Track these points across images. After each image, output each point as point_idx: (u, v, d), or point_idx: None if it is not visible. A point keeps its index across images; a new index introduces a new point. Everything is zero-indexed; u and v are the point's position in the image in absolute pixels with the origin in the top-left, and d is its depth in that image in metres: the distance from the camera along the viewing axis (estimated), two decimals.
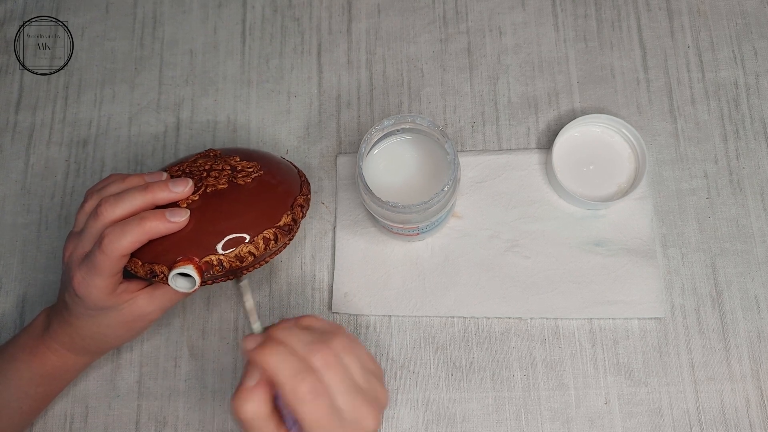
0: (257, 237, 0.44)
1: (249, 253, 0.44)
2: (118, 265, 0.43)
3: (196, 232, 0.43)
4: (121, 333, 0.48)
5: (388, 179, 0.50)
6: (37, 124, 0.63)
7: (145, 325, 0.48)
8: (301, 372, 0.36)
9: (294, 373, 0.36)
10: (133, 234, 0.42)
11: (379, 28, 0.63)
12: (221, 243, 0.43)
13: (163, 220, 0.43)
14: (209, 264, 0.43)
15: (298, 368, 0.36)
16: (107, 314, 0.46)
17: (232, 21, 0.64)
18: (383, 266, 0.56)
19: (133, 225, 0.43)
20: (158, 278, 0.43)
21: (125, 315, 0.46)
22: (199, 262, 0.43)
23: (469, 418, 0.52)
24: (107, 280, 0.43)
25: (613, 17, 0.61)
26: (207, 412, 0.54)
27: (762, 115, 0.58)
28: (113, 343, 0.49)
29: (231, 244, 0.43)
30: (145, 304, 0.46)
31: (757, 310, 0.53)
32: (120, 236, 0.42)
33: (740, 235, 0.55)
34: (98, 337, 0.47)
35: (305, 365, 0.37)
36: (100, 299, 0.44)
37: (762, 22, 0.60)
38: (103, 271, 0.43)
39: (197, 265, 0.43)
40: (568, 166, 0.56)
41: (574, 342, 0.53)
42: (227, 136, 0.61)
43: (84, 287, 0.44)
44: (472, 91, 0.60)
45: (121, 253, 0.42)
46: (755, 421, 0.51)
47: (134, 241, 0.42)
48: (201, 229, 0.44)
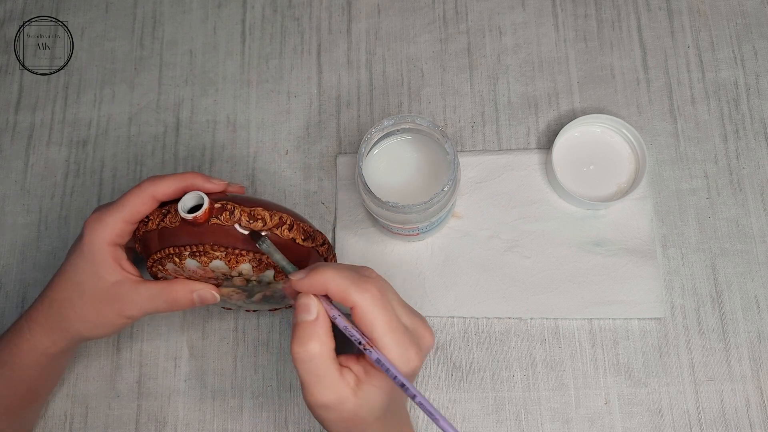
0: (275, 215, 0.44)
1: (261, 218, 0.43)
2: (143, 205, 0.43)
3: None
4: (90, 315, 0.45)
5: (388, 179, 0.50)
6: (36, 124, 0.63)
7: (115, 318, 0.45)
8: (361, 276, 0.36)
9: (355, 278, 0.36)
10: (171, 179, 0.43)
11: (379, 28, 0.63)
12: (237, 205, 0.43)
13: (204, 178, 0.44)
14: (223, 208, 0.42)
15: (357, 275, 0.36)
16: (88, 281, 0.44)
17: (231, 21, 0.64)
18: (383, 266, 0.56)
19: (173, 175, 0.44)
20: (168, 216, 0.43)
21: (105, 291, 0.44)
22: (214, 203, 0.42)
23: (469, 418, 0.52)
24: (119, 222, 0.43)
25: (613, 17, 0.61)
26: (207, 412, 0.54)
27: (762, 115, 0.58)
28: (74, 324, 0.45)
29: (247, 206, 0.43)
30: (132, 289, 0.44)
31: (757, 310, 0.53)
32: (160, 179, 0.43)
33: (740, 235, 0.55)
34: (65, 306, 0.45)
35: (362, 274, 0.36)
36: (99, 243, 0.43)
37: (762, 22, 0.60)
38: (127, 205, 0.42)
39: (211, 203, 0.42)
40: (568, 166, 0.56)
41: (574, 342, 0.53)
42: (227, 136, 0.61)
43: (93, 223, 0.43)
44: (472, 91, 0.60)
45: (155, 192, 0.42)
46: (755, 421, 0.51)
47: (170, 185, 0.43)
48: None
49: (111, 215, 0.43)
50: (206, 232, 0.42)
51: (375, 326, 0.35)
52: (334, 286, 0.36)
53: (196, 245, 0.42)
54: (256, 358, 0.54)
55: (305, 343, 0.36)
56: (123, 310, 0.45)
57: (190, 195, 0.42)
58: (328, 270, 0.36)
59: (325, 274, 0.36)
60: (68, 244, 0.59)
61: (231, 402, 0.54)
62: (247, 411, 0.54)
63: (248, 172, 0.59)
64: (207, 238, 0.42)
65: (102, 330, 0.46)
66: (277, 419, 0.53)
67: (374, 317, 0.35)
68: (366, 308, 0.35)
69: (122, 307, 0.45)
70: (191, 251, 0.43)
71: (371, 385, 0.37)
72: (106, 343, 0.56)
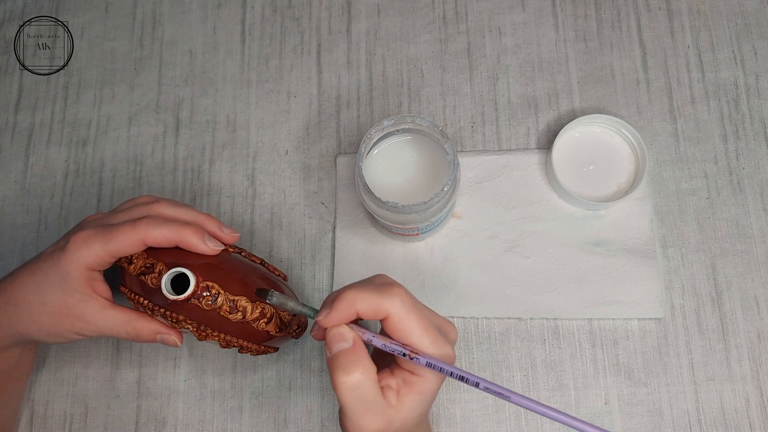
0: (257, 307, 0.43)
1: (241, 311, 0.42)
2: (132, 247, 0.42)
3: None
4: (46, 324, 0.44)
5: (388, 179, 0.50)
6: (36, 125, 0.63)
7: (70, 333, 0.44)
8: (383, 285, 0.36)
9: (380, 290, 0.36)
10: (169, 229, 0.42)
11: (379, 29, 0.63)
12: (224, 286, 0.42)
13: (201, 238, 0.43)
14: (206, 289, 0.41)
15: (379, 286, 0.36)
16: (54, 292, 0.43)
17: (231, 21, 0.64)
18: (383, 266, 0.56)
19: (173, 223, 0.43)
20: (151, 275, 0.42)
21: (69, 308, 0.43)
22: (203, 281, 0.41)
23: (469, 418, 0.52)
24: (104, 254, 0.42)
25: (613, 17, 0.61)
26: (207, 412, 0.54)
27: (762, 115, 0.58)
28: (26, 327, 0.44)
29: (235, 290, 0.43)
30: (98, 311, 0.44)
31: (757, 310, 0.53)
32: (156, 224, 0.42)
33: (740, 235, 0.55)
34: (22, 308, 0.44)
35: (384, 284, 0.36)
36: (77, 264, 0.42)
37: (762, 22, 0.60)
38: (116, 241, 0.42)
39: (199, 280, 0.41)
40: (568, 166, 0.56)
41: (574, 342, 0.53)
42: (227, 136, 0.61)
43: (79, 242, 0.42)
44: (472, 91, 0.60)
45: (147, 238, 0.42)
46: (755, 421, 0.51)
47: (166, 236, 0.42)
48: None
49: (99, 244, 0.42)
50: (183, 306, 0.42)
51: (412, 331, 0.35)
52: (363, 304, 0.36)
53: (170, 311, 0.42)
54: (255, 359, 0.54)
55: (351, 372, 0.35)
56: (80, 329, 0.44)
57: (176, 271, 0.41)
58: (351, 292, 0.36)
59: (350, 297, 0.36)
60: None
61: (231, 402, 0.54)
62: (247, 411, 0.54)
63: (248, 172, 0.59)
64: (183, 310, 0.42)
65: (53, 339, 0.45)
66: (277, 419, 0.53)
67: (409, 322, 0.35)
68: (399, 314, 0.35)
69: (81, 326, 0.44)
70: (163, 314, 0.43)
71: (413, 394, 0.37)
72: (106, 343, 0.56)
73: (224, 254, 0.46)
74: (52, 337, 0.45)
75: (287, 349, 0.55)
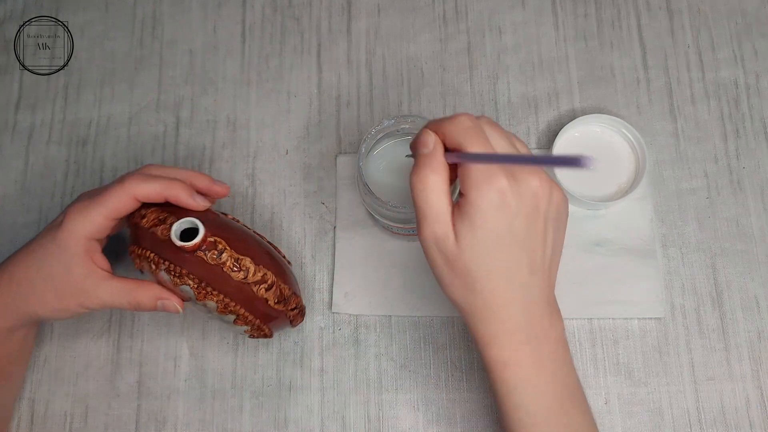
0: (259, 270, 0.44)
1: (244, 270, 0.43)
2: (125, 205, 0.43)
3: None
4: (50, 300, 0.44)
5: (388, 179, 0.50)
6: (36, 124, 0.63)
7: (76, 307, 0.45)
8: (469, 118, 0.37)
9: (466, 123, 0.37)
10: (156, 183, 0.42)
11: (379, 28, 0.63)
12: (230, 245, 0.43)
13: (189, 193, 0.44)
14: (214, 245, 0.42)
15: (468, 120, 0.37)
16: (55, 268, 0.44)
17: (231, 21, 0.64)
18: (383, 266, 0.56)
19: (162, 179, 0.43)
20: (162, 226, 0.43)
21: (71, 282, 0.44)
22: (211, 236, 0.42)
23: (469, 418, 0.52)
24: (101, 218, 0.43)
25: (613, 17, 0.61)
26: (207, 412, 0.54)
27: (762, 115, 0.58)
28: (32, 305, 0.45)
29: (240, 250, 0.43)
30: (98, 284, 0.44)
31: (757, 310, 0.53)
32: (144, 180, 0.42)
33: (740, 235, 0.55)
34: (24, 286, 0.44)
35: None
36: (76, 236, 0.43)
37: (762, 21, 0.60)
38: (108, 202, 0.42)
39: (208, 234, 0.42)
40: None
41: (574, 342, 0.53)
42: (227, 136, 0.61)
43: (75, 213, 0.43)
44: (472, 90, 0.60)
45: (137, 193, 0.42)
46: (755, 421, 0.51)
47: (156, 189, 0.42)
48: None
49: (94, 210, 0.43)
50: (188, 260, 0.42)
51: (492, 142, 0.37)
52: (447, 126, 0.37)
53: (174, 264, 0.43)
54: (256, 358, 0.54)
55: (423, 174, 0.36)
56: (84, 302, 0.45)
57: (189, 220, 0.42)
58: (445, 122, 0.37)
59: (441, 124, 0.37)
60: None
61: (231, 402, 0.54)
62: (247, 411, 0.54)
63: (248, 172, 0.59)
64: (186, 264, 0.43)
65: (59, 315, 0.46)
66: (277, 419, 0.53)
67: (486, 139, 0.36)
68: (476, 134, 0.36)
69: (85, 299, 0.45)
70: (167, 267, 0.43)
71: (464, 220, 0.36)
72: (106, 343, 0.56)
73: (233, 222, 0.47)
74: (58, 312, 0.45)
75: (287, 349, 0.55)
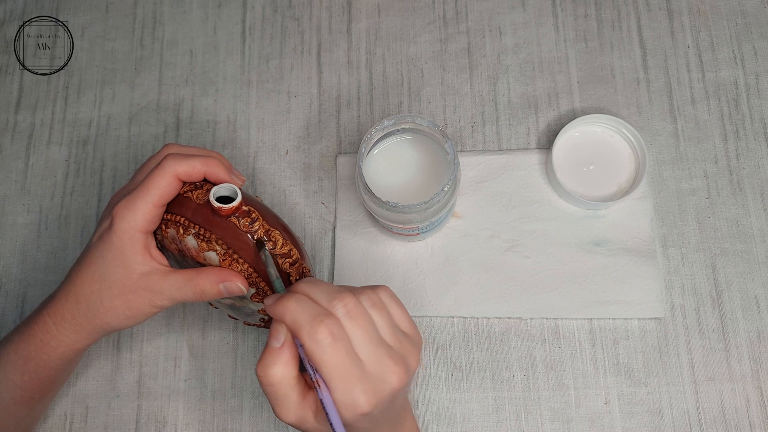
0: (287, 244, 0.44)
1: (273, 241, 0.43)
2: (170, 187, 0.42)
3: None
4: (120, 307, 0.44)
5: (388, 179, 0.50)
6: (37, 124, 0.63)
7: (147, 308, 0.44)
8: (319, 315, 0.35)
9: (312, 317, 0.35)
10: (195, 161, 0.42)
11: (379, 28, 0.63)
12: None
13: (227, 169, 0.44)
14: (247, 213, 0.43)
15: (316, 312, 0.35)
16: (116, 272, 0.43)
17: (232, 21, 0.64)
18: (383, 266, 0.56)
19: (197, 157, 0.43)
20: (198, 191, 0.43)
21: (134, 283, 0.43)
22: (245, 206, 0.43)
23: (469, 418, 0.52)
24: (150, 207, 0.42)
25: (613, 17, 0.61)
26: (207, 412, 0.54)
27: (762, 115, 0.58)
28: (104, 317, 0.44)
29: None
30: (161, 279, 0.43)
31: (757, 310, 0.53)
32: (181, 160, 0.42)
33: (740, 235, 0.55)
34: (92, 300, 0.44)
35: (325, 311, 0.36)
36: (130, 233, 0.42)
37: (762, 22, 0.60)
38: (153, 188, 0.41)
39: (243, 202, 0.42)
40: (568, 166, 0.56)
41: (574, 342, 0.53)
42: (227, 136, 0.61)
43: (123, 211, 0.42)
44: (472, 91, 0.60)
45: (178, 172, 0.42)
46: (755, 421, 0.51)
47: (195, 167, 0.42)
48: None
49: (141, 200, 0.42)
50: (219, 225, 0.42)
51: (321, 369, 0.35)
52: (289, 320, 0.36)
53: (204, 229, 0.43)
54: (255, 358, 0.54)
55: (267, 368, 0.36)
56: (153, 300, 0.44)
57: (228, 187, 0.43)
58: (290, 303, 0.36)
59: (285, 306, 0.36)
60: (68, 244, 0.59)
61: (231, 402, 0.54)
62: (247, 411, 0.54)
63: (248, 172, 0.59)
64: (217, 229, 0.42)
65: (133, 320, 0.45)
66: (276, 419, 0.53)
67: (320, 361, 0.35)
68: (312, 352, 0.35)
69: (152, 298, 0.44)
70: (196, 231, 0.43)
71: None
72: (106, 343, 0.56)
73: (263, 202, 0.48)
74: (130, 318, 0.44)
75: None
